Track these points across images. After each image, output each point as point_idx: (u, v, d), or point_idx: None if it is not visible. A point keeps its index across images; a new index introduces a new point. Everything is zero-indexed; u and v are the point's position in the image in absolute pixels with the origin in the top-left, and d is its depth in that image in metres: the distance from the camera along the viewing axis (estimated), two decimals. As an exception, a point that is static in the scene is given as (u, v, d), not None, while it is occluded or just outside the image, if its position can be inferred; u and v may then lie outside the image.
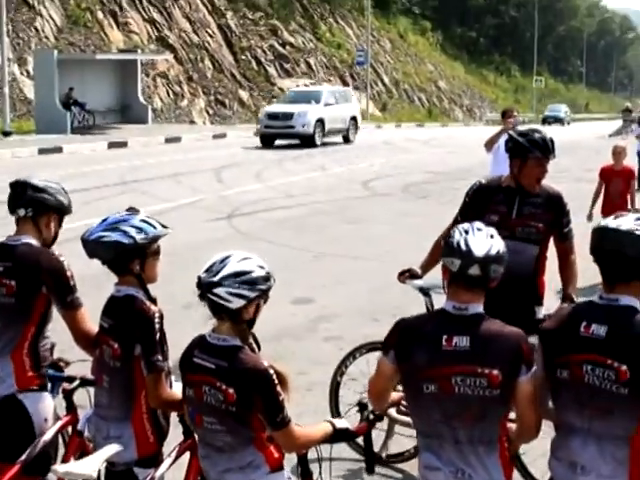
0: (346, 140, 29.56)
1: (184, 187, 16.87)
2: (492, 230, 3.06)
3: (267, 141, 27.28)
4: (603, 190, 10.17)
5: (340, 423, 3.29)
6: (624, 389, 2.72)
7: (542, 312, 4.74)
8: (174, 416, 3.57)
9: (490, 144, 10.11)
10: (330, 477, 3.53)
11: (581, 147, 30.90)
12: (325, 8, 54.67)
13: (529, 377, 2.90)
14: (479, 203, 4.81)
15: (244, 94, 41.04)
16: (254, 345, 3.14)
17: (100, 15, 36.33)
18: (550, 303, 4.84)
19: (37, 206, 3.73)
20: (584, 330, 2.81)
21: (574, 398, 2.83)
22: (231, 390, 2.96)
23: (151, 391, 3.35)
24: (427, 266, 4.96)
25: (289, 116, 27.10)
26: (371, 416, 3.42)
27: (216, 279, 2.98)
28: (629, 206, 9.94)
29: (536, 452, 4.67)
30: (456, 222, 4.86)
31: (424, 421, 3.00)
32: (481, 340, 2.89)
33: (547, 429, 3.08)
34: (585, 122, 66.28)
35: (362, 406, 3.46)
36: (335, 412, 5.08)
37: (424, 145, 30.71)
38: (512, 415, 3.07)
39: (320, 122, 27.54)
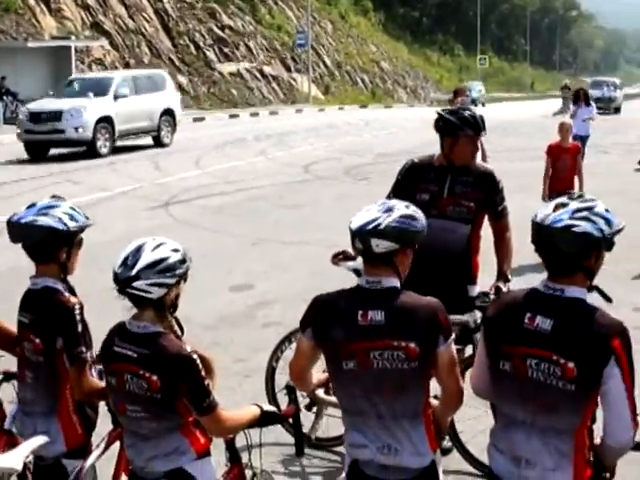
0: (158, 142, 22.17)
1: (121, 175, 16.57)
2: (398, 204, 2.98)
3: (35, 151, 20.08)
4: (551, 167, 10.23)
5: (267, 406, 3.28)
6: (570, 385, 2.65)
7: (476, 290, 4.73)
8: (103, 405, 3.51)
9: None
10: (260, 462, 3.50)
11: (527, 126, 31.23)
12: (264, -10, 54.22)
13: (448, 346, 2.87)
14: (410, 181, 4.81)
15: (183, 79, 40.45)
16: (177, 329, 3.10)
17: (32, 1, 35.46)
18: (485, 282, 4.79)
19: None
20: (528, 322, 2.72)
21: (517, 392, 2.76)
22: (155, 377, 2.92)
23: (75, 383, 3.30)
24: None
25: (57, 115, 19.95)
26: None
27: (133, 273, 2.92)
28: (576, 182, 10.02)
29: (476, 429, 4.66)
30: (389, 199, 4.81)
31: (347, 398, 2.97)
32: (396, 313, 2.86)
33: (483, 406, 3.09)
34: (529, 101, 66.95)
35: (290, 389, 3.41)
36: (272, 398, 5.02)
37: (367, 127, 30.68)
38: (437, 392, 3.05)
39: (106, 122, 20.31)
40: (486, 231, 4.86)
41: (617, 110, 41.52)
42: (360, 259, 4.67)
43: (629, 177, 16.55)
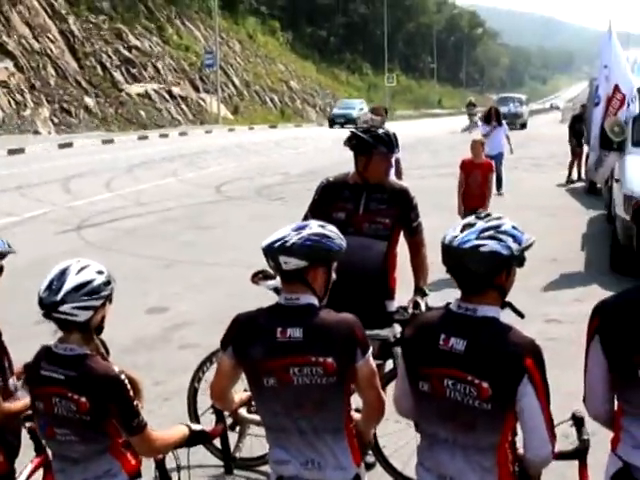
0: None
1: (29, 200, 16.20)
2: (311, 224, 3.07)
3: None
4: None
5: (195, 426, 3.33)
6: (486, 405, 2.70)
7: (394, 305, 4.80)
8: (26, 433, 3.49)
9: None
10: None
11: (435, 143, 31.87)
12: (171, 10, 53.96)
13: (366, 360, 2.94)
14: (326, 200, 4.86)
15: (90, 101, 39.86)
16: (103, 351, 3.13)
17: None
18: (402, 297, 4.90)
19: None
20: (443, 343, 2.77)
21: (437, 412, 2.81)
22: (83, 399, 2.93)
23: None
24: None
25: None
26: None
27: (59, 297, 2.94)
28: (486, 198, 10.24)
29: (397, 443, 4.74)
30: (306, 219, 4.92)
31: (269, 415, 3.02)
32: (314, 330, 2.92)
33: (405, 420, 3.14)
34: (438, 118, 68.26)
35: (217, 408, 3.48)
36: (194, 420, 5.02)
37: (277, 146, 30.86)
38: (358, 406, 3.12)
39: None
40: (402, 247, 4.96)
41: (523, 126, 42.78)
42: (275, 281, 4.85)
43: (541, 192, 17.04)
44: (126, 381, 2.97)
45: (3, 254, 3.44)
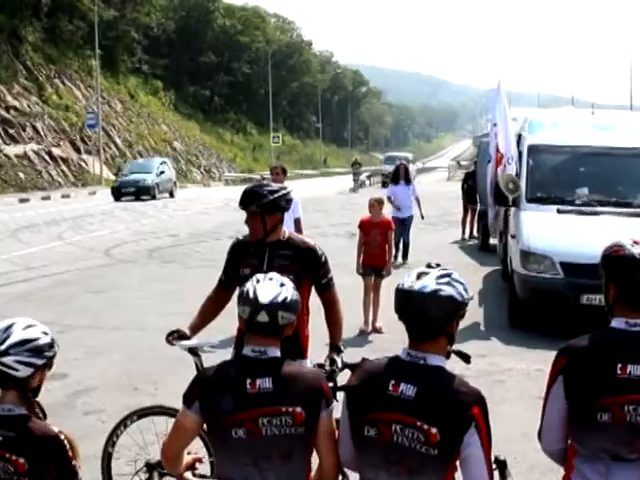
0: None
1: None
2: (285, 280, 3.18)
3: None
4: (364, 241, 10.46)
5: None
6: (433, 450, 2.80)
7: (307, 364, 4.79)
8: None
9: None
10: None
11: (325, 203, 32.35)
12: (50, 69, 53.23)
13: (328, 413, 3.04)
14: (235, 258, 4.93)
15: (-33, 162, 38.79)
16: (38, 412, 3.12)
17: None
18: (316, 355, 4.99)
19: None
20: (392, 389, 2.86)
21: (382, 456, 2.88)
22: (22, 460, 2.92)
23: None
24: (196, 327, 4.97)
25: None
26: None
27: (2, 348, 2.95)
28: (387, 257, 10.36)
29: None
30: (220, 280, 5.03)
31: (235, 468, 3.03)
32: (283, 380, 3.01)
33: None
34: (324, 177, 68.97)
35: (150, 467, 3.60)
36: None
37: (165, 208, 30.77)
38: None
39: None
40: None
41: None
42: (194, 339, 4.92)
43: (435, 249, 17.20)
44: (65, 441, 2.98)
45: None
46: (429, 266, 3.02)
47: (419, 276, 2.93)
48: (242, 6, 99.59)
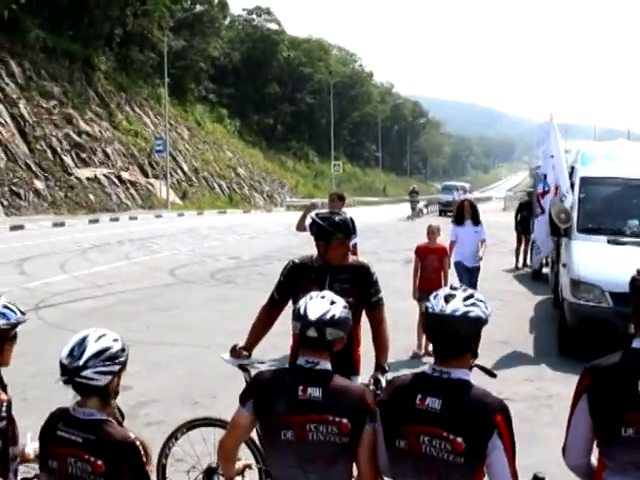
0: None
1: (-16, 281, 16.32)
2: (337, 298, 3.38)
3: None
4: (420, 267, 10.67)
5: None
6: (460, 459, 2.95)
7: (359, 381, 4.95)
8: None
9: (300, 225, 10.74)
10: None
11: (384, 229, 32.53)
12: (121, 96, 54.78)
13: (372, 428, 3.20)
14: (293, 281, 5.13)
15: (40, 184, 40.01)
16: (118, 415, 3.40)
17: None
18: (368, 374, 5.10)
19: None
20: (419, 403, 3.03)
21: (412, 466, 3.05)
22: (100, 462, 3.11)
23: None
24: (250, 345, 5.22)
25: None
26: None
27: (81, 363, 3.15)
28: (442, 282, 10.41)
29: None
30: (272, 299, 5.27)
31: (281, 467, 3.26)
32: (332, 392, 3.21)
33: None
34: (383, 205, 68.86)
35: (210, 471, 3.84)
36: None
37: (227, 231, 31.24)
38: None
39: None
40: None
41: None
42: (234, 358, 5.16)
43: (490, 277, 16.57)
44: (140, 447, 3.17)
45: (16, 323, 3.63)
46: (452, 288, 3.18)
47: (447, 299, 3.09)
48: (306, 38, 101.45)
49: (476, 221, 12.10)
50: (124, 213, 41.94)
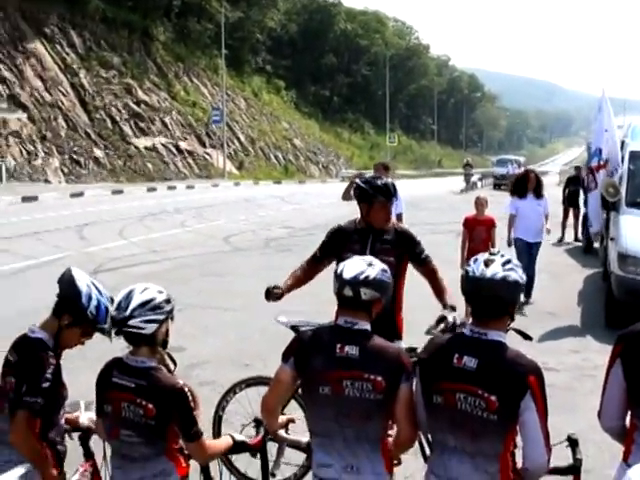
0: None
1: (46, 245, 16.78)
2: (376, 261, 3.50)
3: None
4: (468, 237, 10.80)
5: (238, 436, 3.78)
6: (493, 416, 3.07)
7: (402, 345, 5.05)
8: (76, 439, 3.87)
9: (346, 195, 10.99)
10: None
11: (436, 202, 32.43)
12: (179, 67, 55.29)
13: (408, 386, 3.32)
14: (336, 243, 5.39)
15: (99, 153, 40.80)
16: (170, 363, 3.57)
17: (-52, 73, 35.54)
18: (409, 339, 5.27)
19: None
20: (456, 362, 3.15)
21: (448, 421, 3.17)
22: (151, 405, 3.34)
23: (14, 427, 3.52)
24: (288, 288, 5.53)
25: None
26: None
27: (127, 313, 3.38)
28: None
29: (404, 474, 5.20)
30: (314, 256, 5.56)
31: (318, 420, 3.42)
32: (369, 350, 3.34)
33: (412, 453, 3.53)
34: (437, 178, 68.60)
35: (258, 422, 3.98)
36: None
37: (282, 201, 31.47)
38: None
39: None
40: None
41: None
42: (292, 319, 5.37)
43: (542, 249, 17.25)
44: (189, 393, 3.36)
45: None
46: (491, 254, 3.28)
47: (486, 263, 3.20)
48: (363, 10, 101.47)
49: (539, 194, 11.80)
50: (181, 182, 42.54)
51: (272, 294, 5.45)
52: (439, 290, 5.29)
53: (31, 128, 37.72)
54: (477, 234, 10.78)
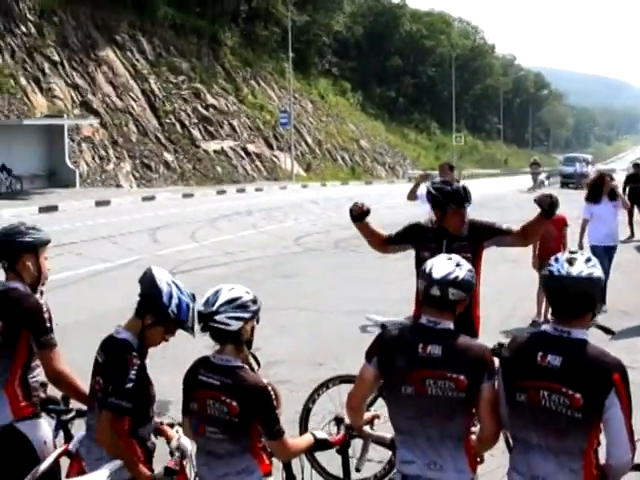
0: None
1: (121, 248, 17.12)
2: (463, 261, 3.52)
3: None
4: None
5: (320, 434, 3.80)
6: (578, 413, 3.07)
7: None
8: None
9: (411, 195, 11.15)
10: None
11: (503, 201, 32.06)
12: (247, 71, 55.80)
13: (490, 385, 3.34)
14: (411, 236, 5.50)
15: (170, 157, 41.46)
16: (254, 363, 3.63)
17: (23, 81, 36.41)
18: (485, 337, 5.20)
19: (7, 256, 4.13)
20: (540, 360, 3.15)
21: (532, 419, 3.18)
22: (235, 403, 3.41)
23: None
24: (364, 227, 5.74)
25: None
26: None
27: (214, 308, 3.45)
28: (561, 250, 10.46)
29: (485, 469, 5.19)
30: (390, 237, 5.65)
31: (401, 420, 3.44)
32: (451, 349, 3.35)
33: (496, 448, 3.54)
34: (504, 177, 68.01)
35: (338, 420, 4.00)
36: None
37: (350, 202, 31.12)
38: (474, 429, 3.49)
39: None
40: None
41: None
42: (382, 317, 5.38)
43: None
44: (272, 392, 3.43)
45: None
46: (571, 252, 3.28)
47: (570, 262, 3.18)
48: (428, 11, 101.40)
49: (613, 196, 11.59)
50: (250, 184, 42.88)
51: (357, 207, 5.66)
52: (528, 222, 5.47)
53: (103, 134, 38.54)
54: (549, 233, 10.61)
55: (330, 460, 5.11)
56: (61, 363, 4.01)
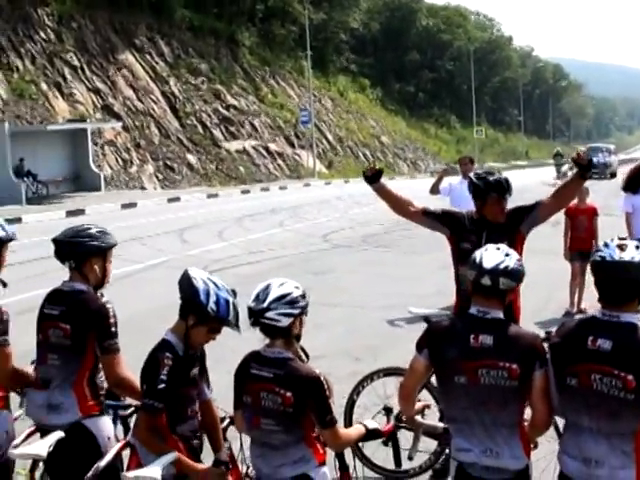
0: None
1: (150, 249, 17.21)
2: (511, 251, 3.54)
3: None
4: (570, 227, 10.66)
5: (371, 424, 3.83)
6: (630, 395, 3.09)
7: None
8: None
9: (434, 189, 11.28)
10: (362, 471, 4.11)
11: (529, 192, 31.85)
12: (266, 70, 55.90)
13: (542, 373, 3.35)
14: (450, 221, 5.48)
15: (192, 158, 41.60)
16: (303, 356, 3.68)
17: (45, 87, 36.68)
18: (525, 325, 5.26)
19: (75, 257, 4.19)
20: (591, 344, 3.17)
21: (583, 402, 3.20)
22: (289, 394, 3.44)
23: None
24: (385, 187, 5.79)
25: None
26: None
27: (265, 305, 3.47)
28: (593, 241, 10.30)
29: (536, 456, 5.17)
30: (425, 210, 5.62)
31: (455, 409, 3.48)
32: (503, 338, 3.38)
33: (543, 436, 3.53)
34: (526, 169, 67.89)
35: (387, 410, 4.04)
36: (348, 424, 5.46)
37: (376, 198, 31.19)
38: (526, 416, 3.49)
39: None
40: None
41: (613, 175, 42.44)
42: (425, 310, 5.36)
43: None
44: (324, 382, 3.46)
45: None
46: (620, 239, 3.27)
47: (621, 248, 3.20)
48: (444, 5, 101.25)
49: None
50: (273, 183, 42.99)
51: (369, 167, 5.70)
52: (565, 183, 5.53)
53: (125, 137, 38.74)
54: (579, 223, 10.71)
55: (375, 451, 5.13)
56: (123, 369, 4.06)
